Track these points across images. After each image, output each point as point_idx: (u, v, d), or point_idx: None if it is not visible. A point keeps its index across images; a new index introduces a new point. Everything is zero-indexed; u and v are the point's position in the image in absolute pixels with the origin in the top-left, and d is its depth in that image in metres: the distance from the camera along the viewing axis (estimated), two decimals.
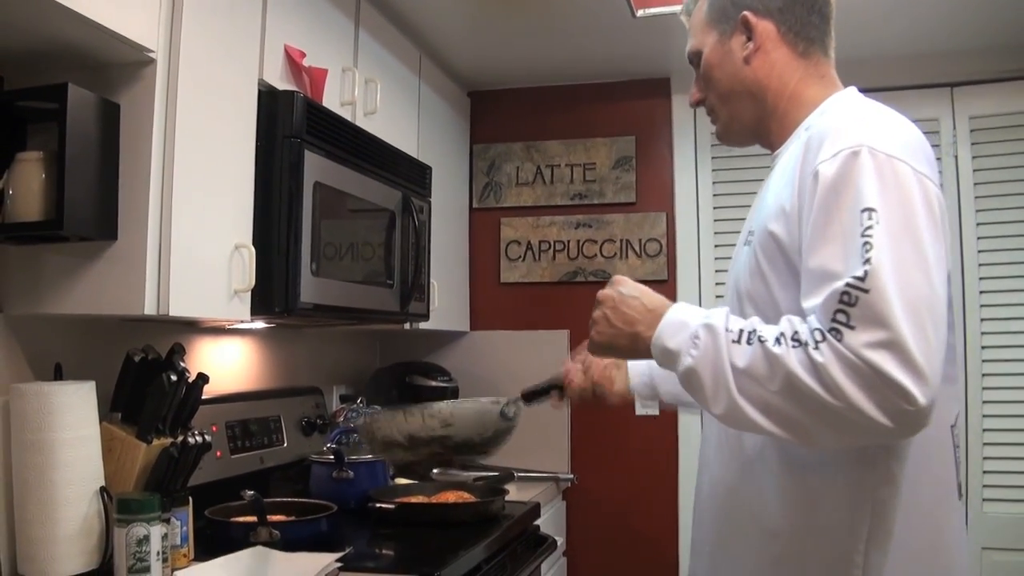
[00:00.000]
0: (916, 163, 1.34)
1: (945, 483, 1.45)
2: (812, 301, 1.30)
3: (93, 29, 1.66)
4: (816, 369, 1.24)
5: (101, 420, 1.91)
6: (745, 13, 1.58)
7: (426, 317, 3.07)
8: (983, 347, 3.33)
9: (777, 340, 1.29)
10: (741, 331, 1.33)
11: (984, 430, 3.29)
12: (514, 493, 2.85)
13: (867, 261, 1.25)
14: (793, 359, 1.26)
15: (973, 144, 3.40)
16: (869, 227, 1.27)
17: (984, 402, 3.30)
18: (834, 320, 1.24)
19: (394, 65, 2.99)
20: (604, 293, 1.53)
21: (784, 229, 1.42)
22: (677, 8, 2.90)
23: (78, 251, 1.82)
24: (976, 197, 3.38)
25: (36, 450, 1.77)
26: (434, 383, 3.56)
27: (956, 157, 3.40)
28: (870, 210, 1.28)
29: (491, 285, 3.87)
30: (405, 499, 2.56)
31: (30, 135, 1.83)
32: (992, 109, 3.40)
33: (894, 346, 1.21)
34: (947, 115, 3.44)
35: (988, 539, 3.27)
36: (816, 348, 1.25)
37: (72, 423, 1.80)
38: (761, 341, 1.30)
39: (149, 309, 1.81)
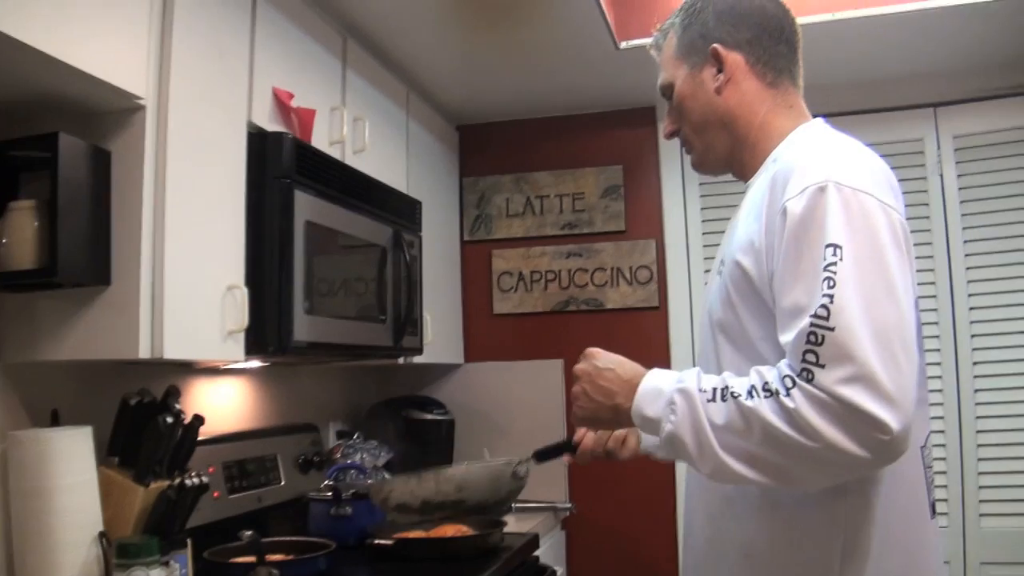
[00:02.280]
0: (881, 194, 1.37)
1: (918, 503, 1.47)
2: (787, 337, 1.32)
3: (83, 79, 1.68)
4: (790, 415, 1.26)
5: (98, 465, 1.91)
6: (715, 45, 1.61)
7: (420, 351, 3.08)
8: (974, 363, 3.34)
9: (749, 393, 1.31)
10: (714, 389, 1.36)
11: (979, 445, 3.31)
12: (512, 524, 2.85)
13: (830, 298, 1.27)
14: (767, 409, 1.29)
15: (958, 163, 3.43)
16: (832, 263, 1.29)
17: (978, 417, 3.32)
18: (804, 361, 1.27)
19: (382, 102, 3.02)
20: (579, 368, 1.57)
21: (752, 262, 1.44)
22: None
23: (72, 297, 1.84)
24: (962, 215, 3.40)
25: (34, 497, 1.77)
26: (430, 416, 3.56)
27: (941, 176, 3.43)
28: (835, 246, 1.30)
29: (484, 317, 3.88)
30: (403, 534, 2.55)
31: (22, 184, 1.85)
32: (976, 128, 3.43)
33: (864, 379, 1.23)
34: (931, 135, 3.47)
35: (986, 554, 3.27)
36: (787, 395, 1.27)
37: (70, 469, 1.80)
38: (735, 397, 1.32)
39: (144, 352, 1.82)
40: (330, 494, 2.61)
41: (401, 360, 3.15)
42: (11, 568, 1.80)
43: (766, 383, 1.30)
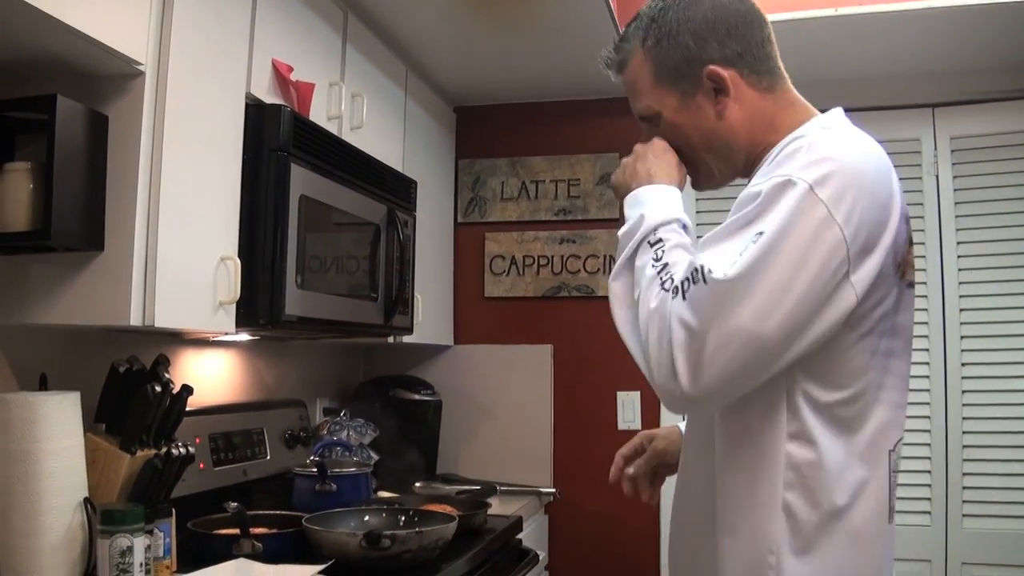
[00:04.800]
0: (850, 214, 1.32)
1: (878, 506, 1.44)
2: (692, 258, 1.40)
3: (82, 41, 1.67)
4: (649, 311, 1.38)
5: (85, 431, 1.91)
6: (711, 68, 1.52)
7: (410, 331, 3.08)
8: (963, 364, 3.36)
9: (664, 267, 1.41)
10: (659, 240, 1.46)
11: (964, 447, 3.32)
12: (496, 507, 2.86)
13: (731, 264, 1.30)
14: (652, 292, 1.39)
15: (954, 164, 3.44)
16: (748, 247, 1.31)
17: (964, 419, 3.33)
18: (681, 284, 1.34)
19: (381, 80, 3.01)
20: (637, 146, 1.65)
21: None
22: None
23: (64, 261, 1.83)
24: (957, 216, 3.41)
25: (20, 460, 1.76)
26: (418, 396, 3.56)
27: (937, 177, 3.44)
28: (760, 234, 1.31)
29: (475, 299, 3.88)
30: None
31: (18, 146, 1.83)
32: (974, 130, 3.44)
33: (694, 335, 1.30)
34: (928, 135, 3.48)
35: (968, 555, 3.29)
36: (662, 291, 1.37)
37: (56, 434, 1.80)
38: (662, 267, 1.41)
39: (135, 320, 1.81)
40: (315, 470, 2.61)
41: (391, 339, 3.15)
42: None
43: (672, 277, 1.39)
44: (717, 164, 1.59)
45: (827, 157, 1.36)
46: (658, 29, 1.57)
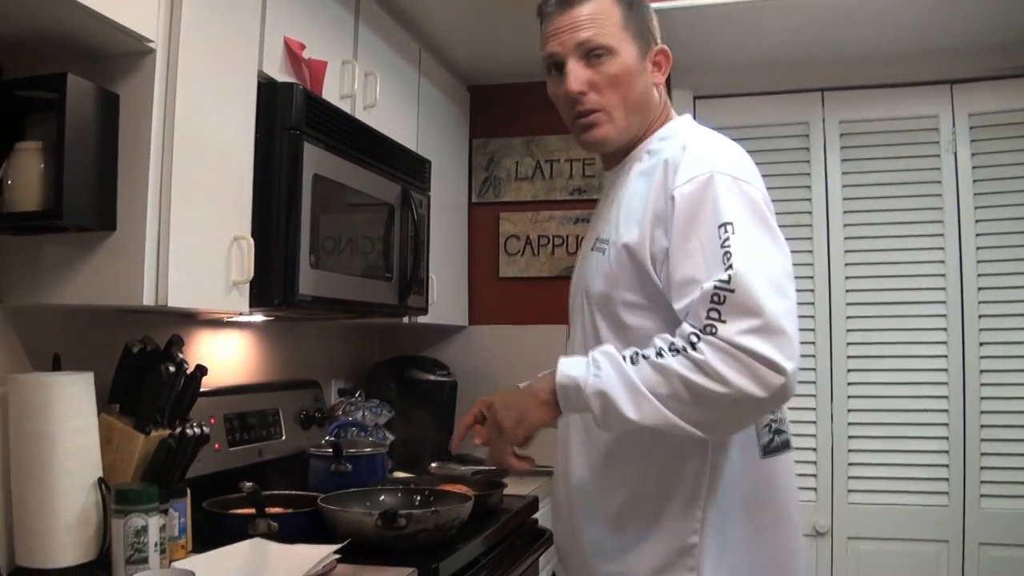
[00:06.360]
0: (752, 180, 1.60)
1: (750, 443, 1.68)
2: (681, 303, 1.52)
3: (93, 18, 1.65)
4: (699, 366, 1.44)
5: (99, 411, 1.91)
6: (664, 47, 1.80)
7: (425, 311, 3.07)
8: (981, 343, 3.33)
9: (659, 353, 1.49)
10: (625, 356, 1.52)
11: (982, 426, 3.30)
12: (512, 487, 2.85)
13: (730, 267, 1.46)
14: (677, 364, 1.46)
15: (972, 141, 3.40)
16: (727, 239, 1.50)
17: (982, 398, 3.32)
18: (707, 318, 1.45)
19: (394, 59, 2.99)
20: (481, 401, 1.74)
21: (636, 241, 1.62)
22: (676, 4, 2.92)
23: (77, 241, 1.82)
24: (975, 194, 3.38)
25: (34, 441, 1.77)
26: (433, 377, 3.56)
27: (955, 154, 3.41)
28: (726, 224, 1.51)
29: (490, 279, 3.87)
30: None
31: (29, 125, 1.82)
32: (992, 106, 3.40)
33: (763, 329, 1.43)
34: (947, 112, 3.44)
35: (986, 535, 3.28)
36: (694, 349, 1.45)
37: (70, 414, 1.80)
38: (645, 358, 1.50)
39: (148, 300, 1.80)
40: (330, 450, 2.61)
41: (406, 319, 3.14)
42: (9, 510, 1.80)
43: (671, 343, 1.49)
44: (628, 126, 1.77)
45: (717, 150, 1.66)
46: None
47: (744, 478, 1.66)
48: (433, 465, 3.26)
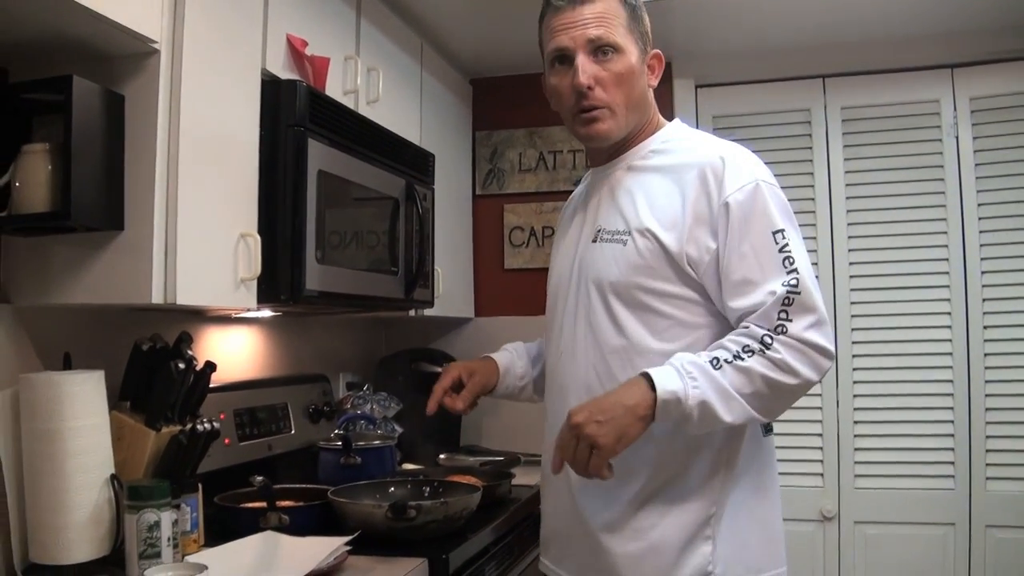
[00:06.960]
0: (777, 183, 1.78)
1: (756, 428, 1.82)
2: (739, 301, 1.69)
3: (96, 21, 1.67)
4: (776, 364, 1.62)
5: (110, 409, 1.93)
6: (658, 51, 1.92)
7: (431, 304, 3.08)
8: (985, 327, 3.34)
9: (737, 356, 1.63)
10: (709, 361, 1.64)
11: (987, 409, 3.31)
12: (520, 477, 2.87)
13: (794, 271, 1.66)
14: (758, 365, 1.62)
15: (974, 125, 3.40)
16: (785, 245, 1.69)
17: (987, 381, 3.32)
18: (778, 319, 1.64)
19: (396, 53, 3.00)
20: (574, 418, 1.66)
21: (675, 238, 1.74)
22: None
23: (85, 241, 1.84)
24: (977, 178, 3.38)
25: (46, 439, 1.78)
26: (440, 369, 3.55)
27: (957, 139, 3.41)
28: (781, 231, 1.70)
29: (495, 271, 3.88)
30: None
31: (35, 127, 1.84)
32: (993, 90, 3.40)
33: (819, 322, 1.65)
34: (948, 96, 3.44)
35: (992, 517, 3.29)
36: (770, 348, 1.62)
37: (82, 412, 1.81)
38: (728, 362, 1.63)
39: (156, 298, 1.82)
40: (340, 443, 2.63)
41: (412, 312, 3.16)
42: (23, 509, 1.82)
43: (745, 346, 1.64)
44: (627, 123, 1.87)
45: (752, 158, 1.81)
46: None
47: (752, 452, 1.81)
48: (441, 457, 3.28)
